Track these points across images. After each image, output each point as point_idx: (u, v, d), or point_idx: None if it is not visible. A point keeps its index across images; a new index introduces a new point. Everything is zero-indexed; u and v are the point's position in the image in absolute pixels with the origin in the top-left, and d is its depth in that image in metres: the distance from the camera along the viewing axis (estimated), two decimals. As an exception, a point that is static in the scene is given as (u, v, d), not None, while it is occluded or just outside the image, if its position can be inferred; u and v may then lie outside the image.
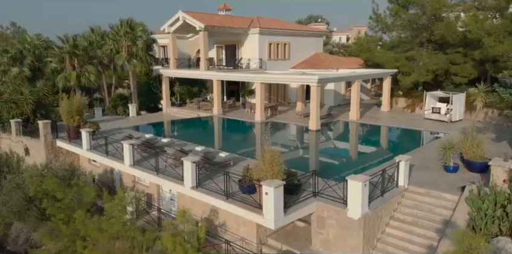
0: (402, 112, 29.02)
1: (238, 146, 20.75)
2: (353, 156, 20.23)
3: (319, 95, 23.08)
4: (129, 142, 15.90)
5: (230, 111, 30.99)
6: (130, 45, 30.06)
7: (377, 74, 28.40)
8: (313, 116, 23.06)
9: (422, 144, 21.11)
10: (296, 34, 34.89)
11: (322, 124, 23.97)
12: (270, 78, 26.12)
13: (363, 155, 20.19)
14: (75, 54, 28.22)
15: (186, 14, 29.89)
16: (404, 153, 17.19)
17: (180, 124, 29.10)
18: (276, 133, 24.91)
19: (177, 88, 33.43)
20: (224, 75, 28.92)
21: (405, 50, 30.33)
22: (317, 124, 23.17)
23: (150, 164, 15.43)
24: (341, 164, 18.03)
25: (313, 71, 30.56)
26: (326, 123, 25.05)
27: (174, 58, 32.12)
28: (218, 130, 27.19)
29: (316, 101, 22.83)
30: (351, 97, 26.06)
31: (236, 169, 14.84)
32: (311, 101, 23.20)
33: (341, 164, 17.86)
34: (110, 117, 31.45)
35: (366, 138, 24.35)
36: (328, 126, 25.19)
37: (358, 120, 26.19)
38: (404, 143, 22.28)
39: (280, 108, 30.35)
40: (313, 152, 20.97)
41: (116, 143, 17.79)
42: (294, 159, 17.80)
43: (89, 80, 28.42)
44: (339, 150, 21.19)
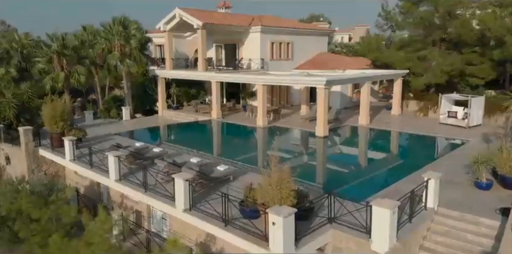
0: (414, 116, 27.08)
1: (238, 155, 18.79)
2: (367, 168, 17.99)
3: (327, 98, 21.17)
4: (115, 153, 13.98)
5: (230, 114, 29.09)
6: (123, 44, 28.14)
7: (388, 75, 26.46)
8: (320, 121, 21.15)
9: (443, 153, 19.17)
10: (300, 33, 32.98)
11: (329, 129, 22.05)
12: (273, 80, 24.21)
13: (377, 166, 17.92)
14: (64, 54, 26.30)
15: (183, 11, 28.01)
16: (425, 165, 15.46)
17: (176, 129, 27.18)
18: (279, 140, 23.01)
19: (174, 90, 31.52)
20: (224, 77, 27.01)
21: (416, 49, 28.39)
22: (325, 130, 21.26)
23: (138, 179, 13.52)
24: (354, 177, 16.01)
25: (318, 71, 28.64)
26: (333, 128, 23.11)
27: (170, 58, 30.23)
28: (217, 136, 25.23)
29: (324, 104, 20.93)
30: (361, 100, 24.14)
31: (237, 186, 12.94)
32: (318, 104, 21.30)
33: (354, 177, 15.86)
34: (102, 121, 29.57)
35: (379, 146, 22.23)
36: (335, 131, 23.25)
37: (368, 124, 24.26)
38: (422, 152, 20.28)
39: (283, 111, 28.45)
40: (322, 162, 19.04)
41: (103, 153, 15.90)
42: (301, 171, 15.85)
43: (78, 82, 26.52)
44: (350, 160, 19.21)
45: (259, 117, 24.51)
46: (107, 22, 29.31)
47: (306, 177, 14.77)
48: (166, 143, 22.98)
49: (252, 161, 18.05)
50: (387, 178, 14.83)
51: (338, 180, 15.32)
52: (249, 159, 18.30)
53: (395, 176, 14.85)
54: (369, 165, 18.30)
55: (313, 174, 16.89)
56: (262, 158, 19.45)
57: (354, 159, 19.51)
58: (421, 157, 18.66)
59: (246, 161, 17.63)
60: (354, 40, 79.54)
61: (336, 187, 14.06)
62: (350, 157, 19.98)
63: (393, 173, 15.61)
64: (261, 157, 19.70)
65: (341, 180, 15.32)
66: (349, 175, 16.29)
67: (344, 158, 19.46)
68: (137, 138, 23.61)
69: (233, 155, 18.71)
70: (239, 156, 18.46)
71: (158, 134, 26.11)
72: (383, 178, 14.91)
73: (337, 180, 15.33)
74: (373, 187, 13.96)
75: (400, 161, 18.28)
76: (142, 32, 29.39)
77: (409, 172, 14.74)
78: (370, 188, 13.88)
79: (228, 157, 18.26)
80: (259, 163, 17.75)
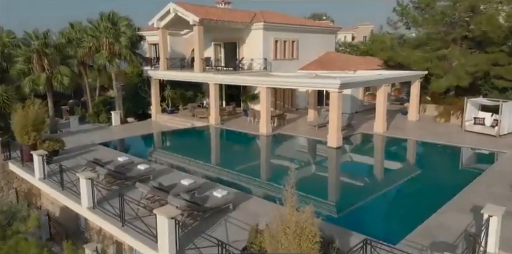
0: (434, 122, 24.42)
1: (239, 170, 16.14)
2: (393, 190, 14.61)
3: (341, 103, 18.53)
4: (88, 175, 11.32)
5: (230, 119, 26.47)
6: (111, 42, 25.51)
7: (407, 76, 23.78)
8: (333, 129, 18.51)
9: (480, 168, 16.49)
10: (306, 30, 30.34)
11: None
12: (278, 83, 21.50)
13: (405, 187, 14.71)
14: (45, 53, 23.64)
15: (178, 6, 25.36)
16: (464, 186, 12.88)
17: (169, 137, 24.53)
18: (285, 150, 20.37)
19: (168, 92, 28.88)
20: (223, 78, 24.36)
21: (435, 49, 25.76)
22: (338, 140, 18.62)
23: (116, 207, 10.88)
24: (380, 201, 13.23)
25: (326, 72, 26.02)
26: (346, 137, 20.43)
27: (164, 57, 27.58)
28: (215, 146, 22.45)
29: (337, 110, 18.30)
30: (377, 105, 21.49)
31: (239, 217, 10.34)
32: (331, 110, 18.66)
33: (380, 202, 13.16)
34: (90, 126, 26.99)
35: (402, 159, 19.23)
36: (348, 140, 20.59)
37: (385, 132, 21.62)
38: (455, 167, 17.61)
39: (288, 116, 25.80)
40: (337, 180, 16.28)
41: (79, 169, 13.34)
42: (313, 190, 13.32)
43: (61, 84, 23.83)
44: (371, 178, 16.36)
45: (263, 124, 21.89)
46: (95, 19, 26.81)
47: (319, 199, 12.27)
48: (157, 154, 20.39)
49: (255, 179, 15.41)
50: (421, 205, 12.17)
51: (361, 207, 12.63)
52: (252, 175, 15.65)
53: (430, 201, 12.26)
54: (395, 185, 15.13)
55: (328, 195, 14.27)
56: (267, 171, 16.87)
57: (375, 178, 16.65)
58: (455, 174, 16.12)
59: (248, 181, 15.04)
60: (358, 39, 77.04)
61: (359, 215, 11.49)
62: (370, 174, 17.17)
63: (426, 197, 12.93)
64: (265, 171, 17.10)
65: (365, 207, 12.64)
66: (374, 199, 13.48)
67: (363, 175, 16.65)
68: (125, 148, 21.09)
69: (234, 169, 16.13)
70: (240, 172, 15.83)
71: (148, 144, 23.42)
72: (415, 204, 12.26)
73: (359, 207, 12.65)
74: (406, 217, 11.33)
75: (431, 179, 15.42)
76: (133, 29, 26.76)
77: (447, 195, 12.15)
78: (403, 219, 11.25)
79: (227, 174, 15.70)
80: (263, 182, 15.17)
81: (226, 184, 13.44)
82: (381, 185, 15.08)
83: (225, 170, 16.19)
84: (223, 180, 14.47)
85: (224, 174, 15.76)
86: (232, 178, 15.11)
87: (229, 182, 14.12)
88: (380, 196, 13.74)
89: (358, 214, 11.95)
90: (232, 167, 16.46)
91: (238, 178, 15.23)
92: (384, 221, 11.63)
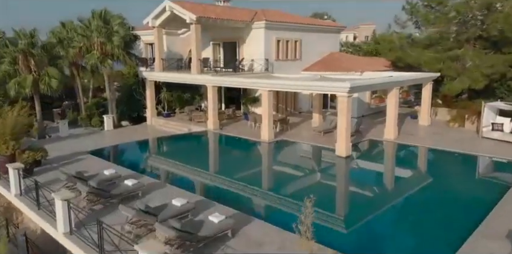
0: (447, 127, 22.90)
1: (239, 185, 14.59)
2: (415, 208, 12.63)
3: (350, 108, 16.99)
4: (65, 195, 9.77)
5: (229, 124, 24.94)
6: (103, 42, 23.99)
7: (420, 78, 22.21)
8: (342, 137, 16.96)
9: (504, 180, 14.96)
10: (309, 30, 28.81)
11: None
12: (282, 86, 19.84)
13: (428, 205, 12.70)
14: (31, 54, 22.09)
15: (174, 4, 23.82)
16: (495, 203, 11.37)
17: (163, 144, 22.95)
18: (289, 160, 18.82)
19: (164, 95, 27.33)
20: (222, 81, 22.82)
21: (447, 49, 24.21)
22: (348, 148, 17.08)
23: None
24: (403, 223, 11.62)
25: (332, 74, 24.52)
26: (355, 144, 18.85)
27: (160, 58, 26.06)
28: (213, 155, 20.73)
29: (347, 116, 16.75)
30: (388, 110, 19.96)
31: (238, 245, 8.83)
32: (339, 116, 17.11)
33: (403, 224, 11.54)
34: (82, 130, 25.49)
35: (417, 170, 17.38)
36: (357, 147, 19.02)
37: (396, 138, 20.09)
38: (476, 180, 15.98)
39: (290, 120, 24.26)
40: (348, 195, 14.59)
41: (60, 184, 11.84)
42: (323, 208, 11.82)
43: (49, 86, 22.27)
44: (387, 193, 14.66)
45: (264, 130, 20.36)
46: (85, 17, 25.30)
47: (330, 214, 10.80)
48: (149, 164, 18.80)
49: (258, 194, 13.87)
50: (450, 228, 10.63)
51: (376, 227, 11.13)
52: (253, 191, 14.11)
53: (460, 223, 10.77)
54: (412, 202, 13.38)
55: (338, 211, 12.73)
56: (270, 185, 15.31)
57: (389, 192, 14.89)
58: (478, 188, 14.58)
59: (250, 197, 13.55)
60: (360, 39, 75.67)
61: (378, 242, 9.95)
62: (383, 188, 15.47)
63: (455, 219, 11.37)
64: (268, 185, 15.55)
65: (380, 227, 11.14)
66: (396, 221, 11.94)
67: (375, 189, 15.04)
68: (115, 157, 19.51)
69: (233, 183, 14.60)
70: (240, 187, 14.31)
71: (140, 152, 21.73)
72: (443, 227, 10.69)
73: (373, 226, 11.15)
74: (436, 243, 9.79)
75: (451, 194, 13.82)
76: (127, 28, 25.23)
77: (471, 214, 10.70)
78: (435, 247, 9.69)
79: (226, 188, 14.18)
80: (267, 198, 13.64)
81: (224, 200, 11.89)
82: (396, 201, 13.47)
83: (224, 185, 14.63)
84: (221, 196, 12.92)
85: (223, 188, 14.25)
86: (231, 193, 13.60)
87: (228, 198, 12.57)
88: (395, 214, 12.22)
89: (372, 236, 10.43)
90: (232, 180, 14.91)
91: (238, 193, 13.74)
92: (401, 244, 10.08)
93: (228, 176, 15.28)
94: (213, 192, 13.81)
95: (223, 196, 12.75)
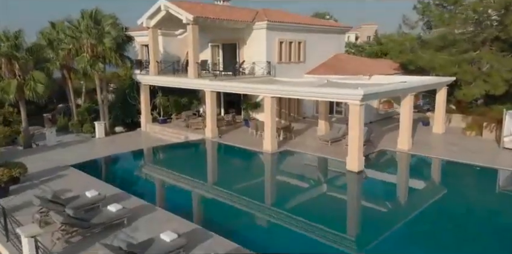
0: (463, 136, 21.29)
1: (240, 213, 12.87)
2: (439, 234, 10.86)
3: (362, 117, 15.36)
4: (31, 231, 8.14)
5: (229, 131, 23.35)
6: (94, 43, 22.36)
7: (435, 83, 20.56)
8: (354, 149, 15.33)
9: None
10: (313, 30, 27.21)
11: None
12: (287, 92, 18.09)
13: (457, 232, 11.05)
14: (16, 57, 20.44)
15: (169, 3, 22.21)
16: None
17: (157, 155, 21.18)
18: (294, 175, 17.15)
19: (160, 100, 25.69)
20: (221, 86, 21.19)
21: (462, 51, 22.60)
22: (360, 162, 15.46)
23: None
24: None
25: (338, 78, 22.95)
26: (366, 155, 17.13)
27: (155, 61, 24.43)
28: (212, 169, 18.89)
29: (358, 127, 15.13)
30: (402, 118, 18.36)
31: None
32: (350, 127, 15.47)
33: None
34: (72, 138, 23.88)
35: (436, 188, 15.37)
36: (369, 160, 17.28)
37: (410, 149, 18.46)
38: (504, 199, 14.35)
39: (294, 126, 22.64)
40: (363, 220, 12.87)
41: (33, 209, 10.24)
42: (334, 233, 10.25)
43: (34, 91, 20.61)
44: (406, 215, 12.50)
45: (267, 139, 18.76)
46: (75, 17, 23.71)
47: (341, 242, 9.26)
48: (139, 179, 17.07)
49: (262, 224, 12.27)
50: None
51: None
52: (258, 219, 12.52)
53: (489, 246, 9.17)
54: (440, 227, 11.40)
55: (351, 236, 11.10)
56: (275, 210, 13.64)
57: (409, 216, 12.50)
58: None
59: (255, 227, 11.95)
60: (362, 39, 74.20)
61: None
62: (402, 209, 13.56)
63: (481, 242, 9.79)
64: (272, 203, 13.90)
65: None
66: (415, 244, 10.38)
67: (395, 211, 13.24)
68: (102, 172, 17.78)
69: (234, 206, 12.97)
70: (242, 214, 12.69)
71: (131, 166, 19.44)
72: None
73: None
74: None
75: (480, 216, 12.25)
76: (119, 29, 23.55)
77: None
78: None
79: (226, 213, 12.54)
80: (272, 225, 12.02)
81: (225, 230, 10.25)
82: (419, 226, 11.82)
83: (223, 209, 12.91)
84: (220, 223, 11.29)
85: (222, 213, 12.55)
86: (232, 219, 11.90)
87: (229, 227, 10.94)
88: (420, 243, 10.57)
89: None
90: (233, 201, 13.26)
91: (241, 220, 12.09)
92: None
93: (228, 197, 13.60)
94: (211, 218, 12.07)
95: (222, 224, 11.11)
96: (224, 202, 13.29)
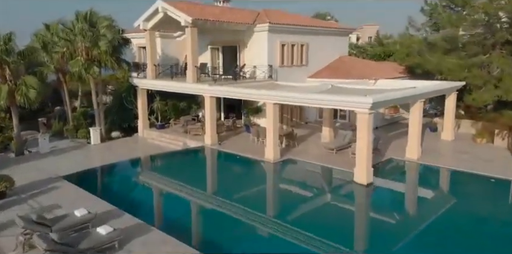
0: (473, 143, 20.43)
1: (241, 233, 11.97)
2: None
3: (371, 126, 14.50)
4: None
5: (229, 137, 22.48)
6: (88, 46, 21.50)
7: (446, 89, 19.65)
8: (362, 161, 14.44)
9: None
10: (316, 32, 26.34)
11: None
12: (293, 99, 17.00)
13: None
14: (6, 61, 19.55)
15: (167, 4, 21.33)
16: None
17: (153, 165, 20.19)
18: (296, 188, 16.23)
19: (157, 105, 24.79)
20: (221, 91, 20.32)
21: (471, 54, 21.75)
22: (369, 175, 14.59)
23: None
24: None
25: (342, 82, 22.12)
26: (374, 165, 16.16)
27: (152, 64, 23.56)
28: (211, 179, 17.95)
29: (367, 137, 14.28)
30: (410, 125, 17.49)
31: None
32: (359, 136, 14.59)
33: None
34: (66, 144, 23.00)
35: (456, 205, 13.63)
36: (377, 170, 16.25)
37: (420, 158, 17.60)
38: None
39: (296, 131, 21.76)
40: (373, 241, 11.80)
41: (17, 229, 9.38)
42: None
43: (26, 97, 19.73)
44: (426, 236, 11.31)
45: (269, 147, 17.89)
46: (69, 19, 22.90)
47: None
48: (133, 194, 15.98)
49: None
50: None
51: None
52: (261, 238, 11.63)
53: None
54: (459, 248, 10.43)
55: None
56: (278, 227, 12.74)
57: (428, 233, 11.51)
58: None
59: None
60: (363, 40, 73.32)
61: None
62: (416, 226, 12.23)
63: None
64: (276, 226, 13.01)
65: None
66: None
67: (409, 228, 12.17)
68: (94, 184, 16.61)
69: (236, 227, 12.08)
70: (245, 239, 11.81)
71: (125, 177, 18.00)
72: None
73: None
74: None
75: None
76: (115, 31, 22.67)
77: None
78: None
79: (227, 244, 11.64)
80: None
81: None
82: (432, 243, 10.84)
83: (224, 227, 12.04)
84: (221, 243, 10.43)
85: (223, 233, 11.64)
86: (235, 242, 10.98)
87: (229, 245, 10.09)
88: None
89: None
90: (235, 215, 12.41)
91: (244, 242, 11.20)
92: None
93: (230, 212, 12.70)
94: (211, 239, 11.14)
95: (223, 245, 10.24)
96: (225, 219, 12.40)
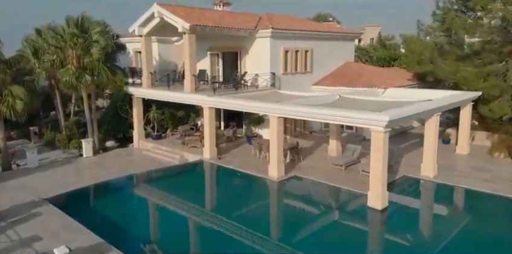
0: (490, 158, 19.08)
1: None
2: None
3: (387, 146, 13.16)
4: None
5: (229, 150, 21.19)
6: (80, 54, 20.17)
7: (462, 100, 18.28)
8: (377, 185, 13.11)
9: None
10: (321, 38, 25.03)
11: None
12: (299, 113, 15.58)
13: None
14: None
15: (164, 9, 20.04)
16: None
17: (146, 184, 18.55)
18: (303, 212, 14.85)
19: (153, 114, 23.45)
20: (221, 102, 18.98)
21: (487, 62, 20.43)
22: (384, 199, 13.25)
23: None
24: None
25: (350, 91, 20.82)
26: (388, 184, 14.81)
27: (148, 72, 22.27)
28: (210, 200, 16.50)
29: (383, 157, 12.94)
30: (426, 140, 16.09)
31: None
32: (373, 157, 13.23)
33: None
34: (57, 155, 21.84)
35: (478, 229, 12.55)
36: (392, 190, 14.64)
37: (436, 176, 16.26)
38: None
39: (301, 143, 20.43)
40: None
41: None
42: None
43: (12, 109, 18.39)
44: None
45: (273, 164, 16.57)
46: (59, 25, 21.59)
47: None
48: (122, 223, 13.76)
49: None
50: None
51: None
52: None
53: None
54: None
55: None
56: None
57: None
58: None
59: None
60: (365, 41, 72.06)
61: None
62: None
63: None
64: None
65: None
66: None
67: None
68: (81, 209, 14.62)
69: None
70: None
71: (114, 200, 15.92)
72: None
73: None
74: None
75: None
76: (108, 37, 21.31)
77: None
78: None
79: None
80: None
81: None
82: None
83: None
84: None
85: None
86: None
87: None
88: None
89: None
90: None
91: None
92: None
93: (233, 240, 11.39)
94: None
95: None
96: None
